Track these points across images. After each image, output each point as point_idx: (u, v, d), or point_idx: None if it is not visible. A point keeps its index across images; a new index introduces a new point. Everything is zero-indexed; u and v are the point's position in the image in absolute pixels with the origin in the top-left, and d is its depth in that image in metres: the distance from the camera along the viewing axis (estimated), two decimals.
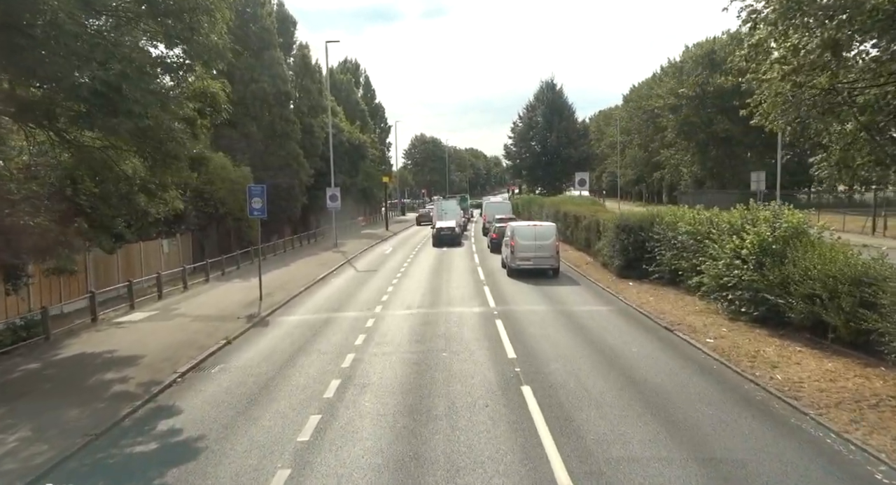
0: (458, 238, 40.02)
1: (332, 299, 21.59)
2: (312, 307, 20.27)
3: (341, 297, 22.02)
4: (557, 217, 37.39)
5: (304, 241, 44.62)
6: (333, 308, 19.95)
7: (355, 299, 21.43)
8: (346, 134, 53.61)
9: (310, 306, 20.46)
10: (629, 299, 19.38)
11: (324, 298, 22.05)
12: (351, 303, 20.78)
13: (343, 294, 22.61)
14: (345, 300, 21.28)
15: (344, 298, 21.62)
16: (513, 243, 27.01)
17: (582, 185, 41.17)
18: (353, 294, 22.54)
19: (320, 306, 20.37)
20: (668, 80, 69.79)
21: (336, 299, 21.55)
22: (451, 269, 29.11)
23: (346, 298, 21.83)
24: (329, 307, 20.12)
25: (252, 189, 21.51)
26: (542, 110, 53.66)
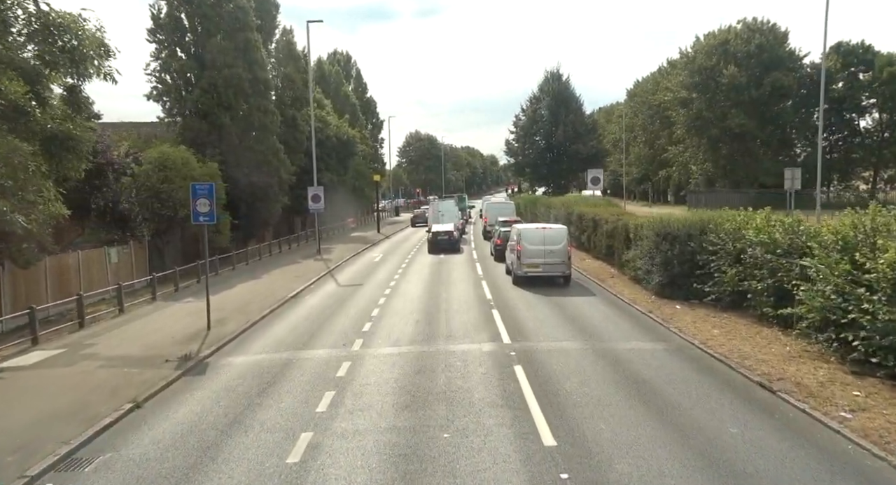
0: (457, 244, 35.28)
1: (301, 329, 16.80)
2: (272, 342, 15.48)
3: (313, 325, 17.22)
4: (569, 220, 32.68)
5: (286, 246, 39.76)
6: (299, 343, 15.16)
7: (329, 329, 16.65)
8: (334, 128, 48.76)
9: (269, 340, 15.66)
10: (686, 332, 14.66)
11: (290, 326, 17.25)
12: (323, 334, 15.99)
13: (316, 321, 17.81)
14: (316, 330, 16.49)
15: (315, 328, 16.82)
16: (519, 248, 22.64)
17: (595, 183, 36.49)
18: (329, 320, 17.75)
19: (283, 340, 15.57)
20: (679, 71, 65.13)
21: (305, 329, 16.75)
22: (451, 282, 24.35)
23: (318, 326, 17.03)
24: (294, 342, 15.33)
25: (196, 189, 16.66)
26: (547, 102, 48.62)
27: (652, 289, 19.29)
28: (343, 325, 17.02)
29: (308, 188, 35.95)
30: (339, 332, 16.20)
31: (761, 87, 58.91)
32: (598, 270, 25.54)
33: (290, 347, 14.84)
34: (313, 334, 16.00)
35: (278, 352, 14.42)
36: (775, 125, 62.11)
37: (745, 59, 59.97)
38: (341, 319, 17.74)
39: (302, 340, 15.40)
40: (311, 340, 15.38)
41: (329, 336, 15.78)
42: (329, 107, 53.94)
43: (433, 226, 36.06)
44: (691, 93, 63.15)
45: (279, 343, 15.25)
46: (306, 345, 14.96)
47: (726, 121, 60.60)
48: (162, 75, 36.04)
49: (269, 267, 30.53)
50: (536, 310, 18.34)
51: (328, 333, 16.18)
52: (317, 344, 15.01)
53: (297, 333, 16.31)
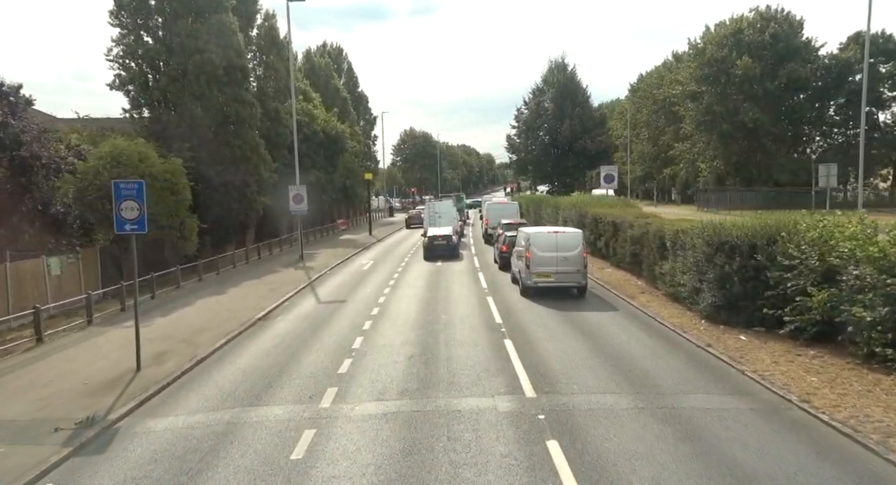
0: (456, 249, 31.38)
1: (259, 370, 12.87)
2: (216, 392, 11.56)
3: (275, 364, 13.30)
4: (582, 222, 28.85)
5: (267, 251, 35.79)
6: (252, 394, 11.27)
7: (296, 370, 12.74)
8: (321, 122, 44.80)
9: (213, 389, 11.74)
10: (772, 379, 10.81)
11: (246, 365, 13.32)
12: (286, 379, 12.09)
13: (281, 356, 13.89)
14: (278, 373, 12.57)
15: (278, 369, 12.89)
16: (529, 255, 19.16)
17: (609, 181, 32.64)
18: (298, 356, 13.83)
19: (231, 389, 11.65)
20: (688, 64, 61.31)
21: (264, 370, 12.83)
22: (451, 299, 20.46)
23: (282, 365, 13.12)
24: (246, 392, 11.42)
25: (120, 189, 12.67)
26: (551, 94, 44.56)
27: (701, 312, 15.44)
28: (315, 364, 13.10)
29: (289, 187, 31.99)
30: (307, 375, 12.29)
31: (776, 78, 55.19)
32: (622, 282, 21.69)
33: (239, 400, 10.93)
34: (273, 380, 12.08)
35: (221, 409, 10.52)
36: (790, 120, 58.44)
37: (758, 50, 56.21)
38: (313, 355, 13.82)
39: (256, 390, 11.49)
40: (268, 390, 11.46)
41: (294, 382, 11.87)
42: (317, 100, 50.01)
43: (429, 229, 32.14)
44: (701, 86, 59.34)
45: (225, 394, 11.33)
46: (260, 398, 11.05)
47: (738, 115, 56.82)
48: (126, 62, 32.07)
49: (243, 277, 26.57)
50: (559, 339, 14.45)
51: (293, 376, 12.27)
52: (275, 396, 11.11)
53: (252, 376, 12.38)
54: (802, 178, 56.58)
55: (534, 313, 17.57)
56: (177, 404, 10.92)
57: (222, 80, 33.05)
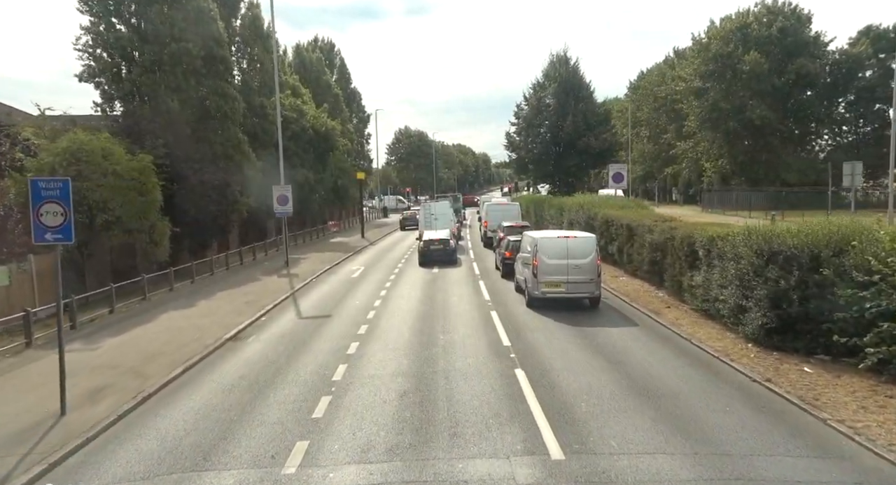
0: (453, 254, 28.87)
1: (216, 413, 10.32)
2: (155, 447, 9.00)
3: (238, 402, 10.76)
4: (590, 225, 26.48)
5: (250, 256, 33.22)
6: (199, 452, 8.71)
7: (262, 412, 10.20)
8: (311, 118, 42.21)
9: (151, 443, 9.18)
10: (866, 433, 8.38)
11: (200, 406, 10.76)
12: (247, 428, 9.54)
13: (244, 394, 11.32)
14: (238, 417, 10.03)
15: (239, 411, 10.33)
16: (536, 263, 16.90)
17: (618, 180, 30.19)
18: (265, 392, 11.27)
19: (174, 444, 9.09)
20: (692, 60, 58.99)
21: (222, 413, 10.28)
22: (449, 314, 17.96)
23: (244, 406, 10.57)
24: (191, 448, 8.87)
25: (38, 188, 10.05)
26: (553, 90, 41.96)
27: (748, 335, 12.99)
28: (285, 403, 10.58)
29: (273, 188, 29.41)
30: (273, 421, 9.77)
31: (784, 74, 52.97)
32: (641, 294, 19.26)
33: (180, 461, 8.40)
34: (230, 427, 9.56)
35: (154, 476, 8.00)
36: (796, 117, 56.24)
37: (765, 45, 53.96)
38: (285, 390, 11.30)
39: (206, 443, 8.97)
40: (221, 444, 8.93)
41: (255, 432, 9.35)
42: (307, 96, 47.41)
43: (424, 232, 29.63)
44: (706, 82, 57.02)
45: (165, 452, 8.79)
46: (209, 457, 8.52)
47: (745, 112, 54.57)
48: (96, 51, 29.38)
49: (219, 287, 23.99)
50: (580, 369, 11.96)
51: (256, 423, 9.74)
52: (228, 454, 8.59)
53: (205, 423, 9.85)
54: (810, 177, 54.43)
55: (546, 333, 15.09)
56: (99, 468, 8.38)
57: (201, 71, 30.48)
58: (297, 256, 32.74)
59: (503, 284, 22.63)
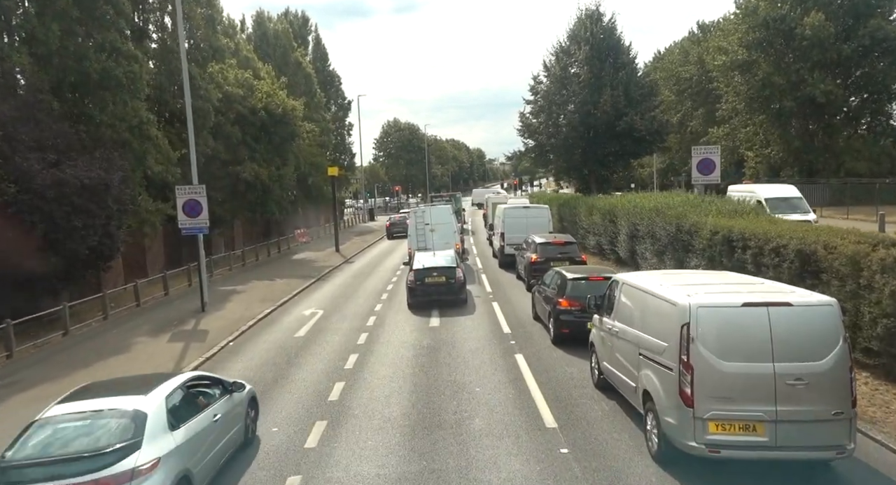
0: (462, 289, 17.93)
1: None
2: None
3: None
4: (686, 244, 16.04)
5: (162, 289, 22.42)
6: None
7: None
8: (262, 97, 31.34)
9: None
10: None
11: None
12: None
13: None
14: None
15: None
16: (688, 364, 6.89)
17: (706, 170, 19.64)
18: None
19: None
20: (737, 25, 48.32)
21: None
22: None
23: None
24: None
25: None
26: (583, 55, 30.99)
27: None
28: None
29: (176, 190, 18.51)
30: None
31: (854, 39, 42.42)
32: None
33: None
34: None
35: None
36: (868, 92, 45.82)
37: (827, 5, 43.43)
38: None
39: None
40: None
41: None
42: (266, 72, 36.54)
43: (417, 255, 18.77)
44: (752, 53, 46.34)
45: None
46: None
47: (804, 88, 43.96)
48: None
49: (42, 373, 13.24)
50: None
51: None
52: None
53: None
54: (885, 166, 44.17)
55: None
56: None
57: (72, 14, 19.63)
58: (230, 289, 22.04)
59: (559, 358, 12.12)
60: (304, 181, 41.67)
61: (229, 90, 29.75)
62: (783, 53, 45.04)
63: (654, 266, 18.76)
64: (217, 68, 29.91)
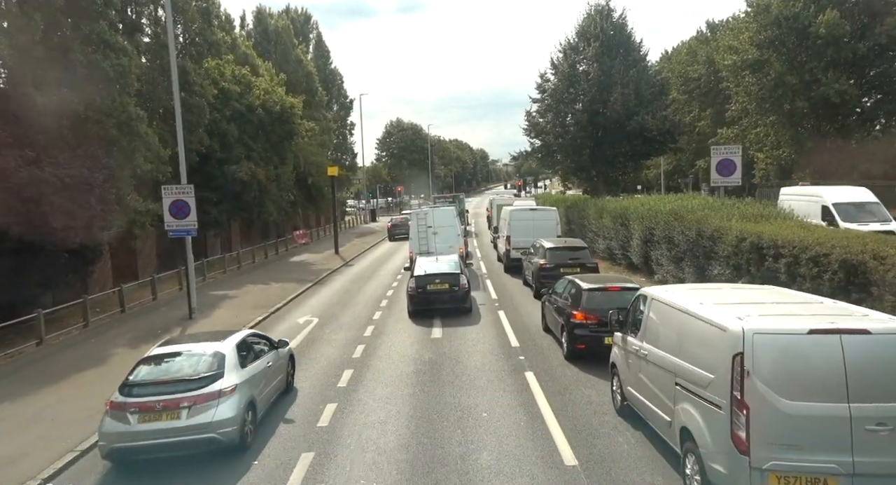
0: (466, 297, 16.74)
1: None
2: None
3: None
4: (707, 251, 14.90)
5: (150, 294, 21.27)
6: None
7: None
8: (260, 94, 30.24)
9: None
10: None
11: None
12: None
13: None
14: None
15: None
16: (743, 403, 5.67)
17: (727, 172, 18.45)
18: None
19: None
20: (748, 24, 47.07)
21: None
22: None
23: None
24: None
25: None
26: (593, 52, 29.71)
27: None
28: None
29: (163, 190, 17.35)
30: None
31: (869, 38, 41.16)
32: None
33: None
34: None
35: None
36: (883, 92, 44.49)
37: (841, 2, 42.14)
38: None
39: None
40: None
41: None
42: (265, 69, 35.42)
43: (419, 260, 17.61)
44: (765, 52, 45.06)
45: None
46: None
47: (818, 88, 42.68)
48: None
49: (4, 389, 12.11)
50: None
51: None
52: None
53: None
54: (862, 170, 42.88)
55: None
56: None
57: (56, 3, 18.53)
58: (222, 294, 20.92)
59: (575, 378, 10.94)
60: (303, 181, 40.58)
61: (226, 87, 28.65)
62: (796, 52, 43.75)
63: (670, 273, 17.59)
64: (213, 64, 28.81)
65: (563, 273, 17.49)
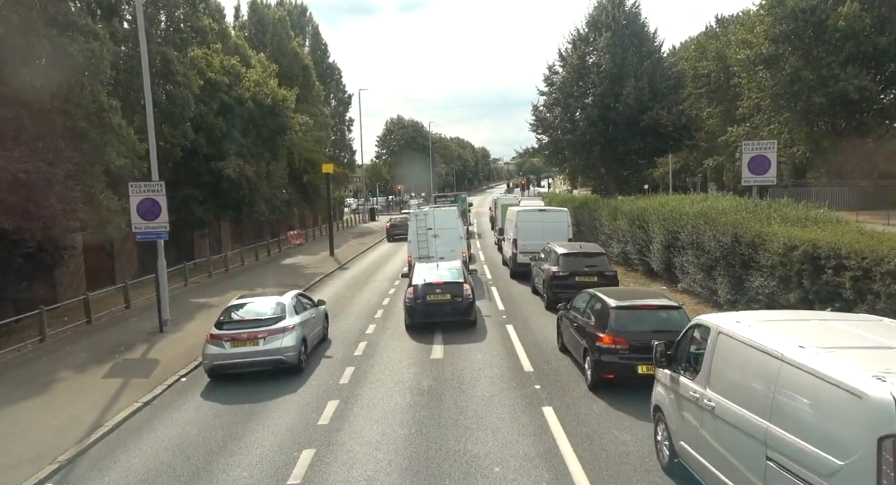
0: (470, 309, 14.80)
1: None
2: None
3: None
4: (744, 258, 12.96)
5: (123, 302, 19.31)
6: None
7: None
8: (250, 85, 28.27)
9: None
10: None
11: None
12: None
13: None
14: None
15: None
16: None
17: (759, 169, 16.53)
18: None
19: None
20: (763, 17, 45.06)
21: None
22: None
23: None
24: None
25: None
26: (604, 42, 27.56)
27: None
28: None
29: (129, 187, 15.39)
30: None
31: (891, 31, 39.19)
32: None
33: None
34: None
35: None
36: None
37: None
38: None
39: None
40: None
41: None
42: (257, 60, 33.45)
43: (418, 267, 15.63)
44: (779, 47, 43.06)
45: None
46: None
47: (835, 83, 40.70)
48: None
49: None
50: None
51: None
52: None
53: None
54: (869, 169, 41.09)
55: None
56: None
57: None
58: (202, 302, 19.02)
59: (604, 415, 9.02)
60: (299, 179, 38.65)
61: (213, 77, 26.71)
62: (812, 47, 41.80)
63: (698, 283, 15.67)
64: (200, 53, 26.87)
65: (578, 282, 15.64)
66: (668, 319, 9.80)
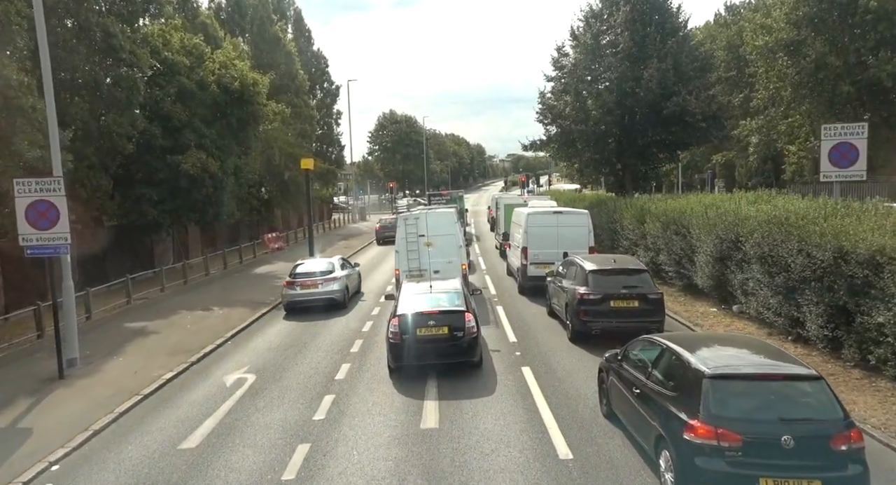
0: (473, 345, 11.03)
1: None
2: None
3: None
4: (871, 288, 8.99)
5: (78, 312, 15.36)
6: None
7: None
8: (214, 66, 24.25)
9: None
10: None
11: None
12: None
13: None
14: None
15: None
16: None
17: (844, 162, 12.81)
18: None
19: None
20: (782, 2, 41.22)
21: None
22: None
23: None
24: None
25: None
26: (622, 18, 23.48)
27: None
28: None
29: (15, 185, 11.47)
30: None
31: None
32: None
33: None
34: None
35: None
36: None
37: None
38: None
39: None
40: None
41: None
42: (229, 42, 29.40)
43: (406, 289, 11.77)
44: (802, 32, 39.29)
45: None
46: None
47: (863, 71, 37.04)
48: None
49: None
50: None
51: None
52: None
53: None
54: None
55: None
56: None
57: None
58: (139, 326, 15.06)
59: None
60: (279, 176, 34.71)
61: (171, 58, 22.74)
62: (839, 30, 38.07)
63: (772, 309, 11.88)
64: (156, 29, 22.92)
65: (613, 308, 11.86)
66: (806, 399, 6.01)
